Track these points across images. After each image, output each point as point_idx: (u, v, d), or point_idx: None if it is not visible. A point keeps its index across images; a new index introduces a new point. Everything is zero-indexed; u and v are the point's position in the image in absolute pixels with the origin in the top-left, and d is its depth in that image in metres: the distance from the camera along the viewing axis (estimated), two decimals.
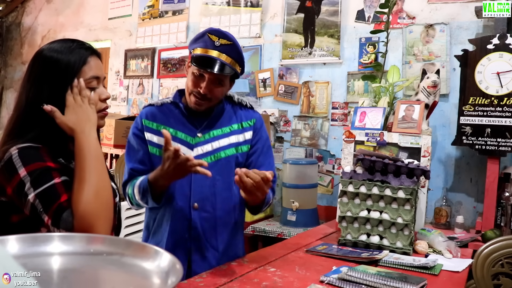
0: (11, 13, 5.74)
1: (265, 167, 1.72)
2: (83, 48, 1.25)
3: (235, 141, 1.76)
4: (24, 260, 0.71)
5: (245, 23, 3.81)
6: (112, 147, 3.78)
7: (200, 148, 1.71)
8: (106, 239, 0.83)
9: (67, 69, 1.21)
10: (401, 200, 1.91)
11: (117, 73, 4.69)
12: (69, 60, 1.21)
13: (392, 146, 2.37)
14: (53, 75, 1.20)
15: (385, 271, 1.60)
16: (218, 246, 1.72)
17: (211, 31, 1.67)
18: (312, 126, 3.49)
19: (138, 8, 4.51)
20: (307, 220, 3.02)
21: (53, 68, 1.20)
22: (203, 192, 1.69)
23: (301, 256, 1.83)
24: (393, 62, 3.02)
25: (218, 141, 1.73)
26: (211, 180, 1.67)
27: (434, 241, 2.02)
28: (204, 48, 1.65)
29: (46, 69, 1.21)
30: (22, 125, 1.21)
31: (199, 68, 1.64)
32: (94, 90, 1.25)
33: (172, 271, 0.71)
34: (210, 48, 1.64)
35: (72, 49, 1.23)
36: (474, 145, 2.54)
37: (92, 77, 1.24)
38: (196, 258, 1.69)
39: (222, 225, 1.73)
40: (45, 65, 1.21)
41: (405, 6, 3.13)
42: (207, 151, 1.71)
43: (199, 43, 1.67)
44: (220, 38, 1.65)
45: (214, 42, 1.64)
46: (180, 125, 1.73)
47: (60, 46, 1.24)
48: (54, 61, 1.20)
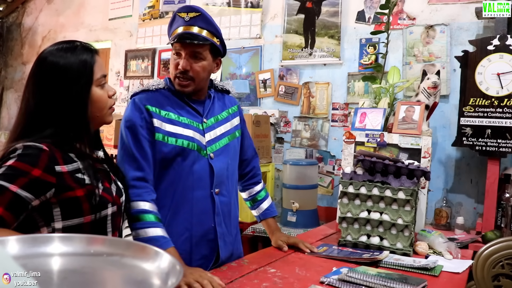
0: (12, 13, 5.74)
1: (251, 150, 1.95)
2: (88, 49, 1.29)
3: (233, 126, 1.82)
4: (24, 261, 0.71)
5: (245, 24, 3.81)
6: (113, 148, 3.77)
7: (209, 134, 1.71)
8: (106, 240, 0.83)
9: (80, 72, 1.24)
10: (401, 201, 1.91)
11: (118, 73, 4.69)
12: (80, 62, 1.24)
13: (393, 147, 2.37)
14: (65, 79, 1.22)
15: (386, 272, 1.60)
16: (232, 230, 1.76)
17: (179, 10, 1.66)
18: (312, 127, 3.49)
19: (138, 8, 4.52)
20: (307, 221, 3.02)
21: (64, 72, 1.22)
22: (221, 176, 1.71)
23: (301, 257, 1.82)
24: (394, 63, 3.02)
25: (222, 126, 1.77)
26: (226, 164, 1.73)
27: (434, 242, 2.02)
28: (177, 28, 1.65)
29: (57, 75, 1.22)
30: (33, 126, 1.22)
31: (174, 45, 1.64)
32: (103, 87, 1.30)
33: (172, 272, 0.71)
34: (181, 25, 1.64)
35: (78, 52, 1.26)
36: (475, 146, 2.54)
37: (102, 76, 1.29)
38: (221, 245, 1.71)
39: (233, 208, 1.78)
40: (55, 71, 1.22)
41: (405, 7, 3.13)
42: (216, 136, 1.73)
43: (173, 27, 1.67)
44: (188, 13, 1.64)
45: (183, 19, 1.64)
46: (184, 112, 1.69)
47: (65, 51, 1.25)
48: (64, 67, 1.22)
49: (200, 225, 1.66)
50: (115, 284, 0.75)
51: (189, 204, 1.64)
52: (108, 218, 1.27)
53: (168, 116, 1.64)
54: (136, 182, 1.55)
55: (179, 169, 1.63)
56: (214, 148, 1.71)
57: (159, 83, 1.71)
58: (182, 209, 1.64)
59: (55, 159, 1.17)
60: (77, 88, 1.23)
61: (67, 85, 1.22)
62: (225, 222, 1.72)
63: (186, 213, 1.64)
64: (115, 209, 1.30)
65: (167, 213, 1.63)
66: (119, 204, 1.33)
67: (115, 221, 1.31)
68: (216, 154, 1.70)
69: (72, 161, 1.21)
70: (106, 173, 1.34)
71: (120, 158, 1.62)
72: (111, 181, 1.33)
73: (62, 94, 1.22)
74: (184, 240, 1.64)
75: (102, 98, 1.29)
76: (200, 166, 1.65)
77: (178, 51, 1.64)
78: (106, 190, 1.27)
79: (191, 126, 1.67)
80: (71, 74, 1.22)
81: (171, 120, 1.64)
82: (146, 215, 1.51)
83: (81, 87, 1.24)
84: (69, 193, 1.17)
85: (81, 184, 1.20)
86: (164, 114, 1.64)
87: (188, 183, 1.63)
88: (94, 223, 1.22)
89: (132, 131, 1.60)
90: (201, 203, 1.65)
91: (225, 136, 1.76)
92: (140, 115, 1.61)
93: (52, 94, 1.22)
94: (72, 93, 1.22)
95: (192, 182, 1.64)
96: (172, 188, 1.63)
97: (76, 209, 1.19)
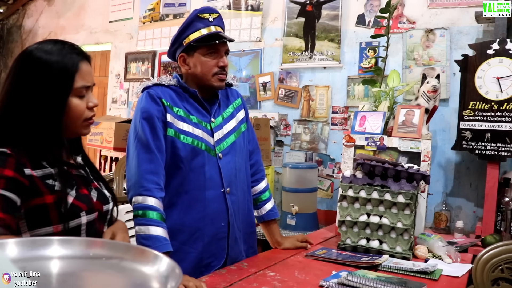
0: (12, 15, 5.75)
1: (253, 143, 1.94)
2: (75, 52, 1.20)
3: (238, 121, 1.83)
4: (23, 264, 0.71)
5: (245, 27, 3.82)
6: (112, 150, 3.77)
7: (218, 133, 1.73)
8: (105, 243, 0.83)
9: (60, 75, 1.16)
10: (400, 205, 1.91)
11: (118, 76, 4.70)
12: (62, 64, 1.16)
13: (392, 151, 2.37)
14: (43, 78, 1.15)
15: (385, 276, 1.60)
16: (240, 226, 1.77)
17: (201, 11, 1.68)
18: (312, 130, 3.49)
19: (139, 11, 4.52)
20: (306, 224, 3.02)
21: (44, 70, 1.15)
22: (230, 176, 1.72)
23: (301, 261, 1.82)
24: (393, 66, 3.02)
25: (228, 124, 1.78)
26: (233, 163, 1.73)
27: (433, 246, 2.02)
28: (203, 28, 1.67)
29: (36, 71, 1.15)
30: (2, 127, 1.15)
31: (210, 46, 1.66)
32: (83, 99, 1.21)
33: (171, 276, 0.71)
34: (208, 26, 1.67)
35: (64, 52, 1.18)
36: (474, 150, 2.54)
37: (82, 86, 1.20)
38: (232, 244, 1.72)
39: (243, 205, 1.79)
40: (35, 66, 1.16)
41: (405, 11, 3.14)
42: (223, 135, 1.74)
43: (192, 28, 1.67)
44: (211, 14, 1.68)
45: (207, 20, 1.67)
46: (193, 110, 1.71)
47: (51, 48, 1.18)
48: (45, 63, 1.16)
49: (212, 224, 1.67)
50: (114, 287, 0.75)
51: (201, 203, 1.65)
52: (82, 228, 1.19)
53: (179, 113, 1.66)
54: (148, 175, 1.55)
55: (190, 168, 1.64)
56: (222, 147, 1.72)
57: (170, 80, 1.72)
58: (195, 209, 1.65)
59: (23, 163, 1.11)
60: (53, 91, 1.15)
61: (44, 84, 1.15)
62: (236, 221, 1.74)
63: (199, 213, 1.65)
64: (94, 216, 1.22)
65: (179, 212, 1.64)
66: (101, 211, 1.25)
67: (92, 230, 1.22)
68: (224, 153, 1.72)
69: (42, 166, 1.15)
70: (84, 178, 1.27)
71: (133, 150, 1.60)
72: (90, 188, 1.26)
73: (37, 92, 1.15)
74: (196, 239, 1.65)
75: (78, 109, 1.20)
76: (210, 166, 1.67)
77: (214, 50, 1.68)
78: (80, 197, 1.20)
79: (200, 125, 1.69)
80: (51, 73, 1.15)
81: (182, 118, 1.66)
82: (151, 212, 1.52)
83: (57, 91, 1.16)
84: (38, 200, 1.11)
85: (51, 190, 1.13)
86: (176, 110, 1.65)
87: (199, 182, 1.64)
88: (64, 233, 1.14)
89: (149, 121, 1.60)
90: (213, 202, 1.67)
91: (232, 134, 1.77)
92: (158, 107, 1.62)
93: (28, 90, 1.15)
94: (48, 94, 1.15)
95: (204, 182, 1.65)
96: (184, 187, 1.64)
97: (44, 217, 1.12)
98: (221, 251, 1.70)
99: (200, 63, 1.68)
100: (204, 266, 1.66)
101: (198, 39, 1.65)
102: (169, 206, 1.62)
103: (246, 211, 1.83)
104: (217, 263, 1.69)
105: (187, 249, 1.64)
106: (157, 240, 1.47)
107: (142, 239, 1.49)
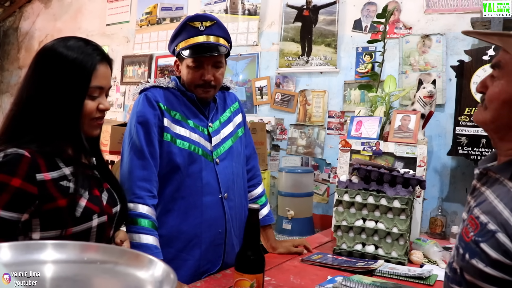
0: (9, 17, 5.74)
1: (250, 147, 1.92)
2: (96, 52, 1.20)
3: (235, 126, 1.80)
4: (17, 268, 0.70)
5: (242, 31, 3.83)
6: (108, 153, 3.76)
7: (215, 138, 1.70)
8: (100, 247, 0.82)
9: (76, 72, 1.16)
10: (396, 210, 1.91)
11: (114, 79, 4.68)
12: (80, 61, 1.16)
13: (388, 156, 2.37)
14: (60, 72, 1.15)
15: (380, 281, 1.60)
16: (237, 233, 1.74)
17: (191, 19, 1.62)
18: (308, 134, 3.49)
19: (136, 14, 4.52)
20: (302, 228, 3.02)
21: (62, 65, 1.16)
22: (228, 181, 1.69)
23: (296, 265, 1.82)
24: (390, 71, 3.03)
25: (225, 129, 1.75)
26: (231, 168, 1.71)
27: (429, 251, 2.02)
28: (190, 38, 1.60)
29: (55, 64, 1.16)
30: (19, 125, 1.16)
31: (195, 58, 1.59)
32: (94, 99, 1.21)
33: (166, 281, 0.70)
34: (196, 35, 1.60)
35: (85, 50, 1.18)
36: (470, 155, 2.55)
37: (96, 87, 1.20)
38: (228, 250, 1.69)
39: (240, 210, 1.76)
40: (54, 59, 1.16)
41: (401, 17, 3.15)
42: (221, 140, 1.72)
43: (182, 36, 1.62)
44: (203, 22, 1.60)
45: (198, 28, 1.60)
46: (191, 115, 1.67)
47: (73, 44, 1.19)
48: (65, 58, 1.16)
49: (209, 231, 1.64)
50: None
51: (198, 209, 1.63)
52: (93, 230, 1.19)
53: (176, 117, 1.62)
54: (140, 182, 1.53)
55: (187, 173, 1.61)
56: (219, 152, 1.70)
57: (169, 82, 1.68)
58: (192, 215, 1.62)
59: (37, 167, 1.11)
60: (68, 87, 1.16)
61: (61, 79, 1.15)
62: (233, 227, 1.72)
63: (196, 219, 1.62)
64: (104, 219, 1.22)
65: (175, 218, 1.61)
66: (110, 214, 1.25)
67: (102, 232, 1.22)
68: (221, 158, 1.69)
69: (57, 167, 1.15)
70: (97, 180, 1.27)
71: (127, 155, 1.58)
72: (102, 189, 1.26)
73: (54, 85, 1.15)
74: (193, 246, 1.62)
75: (86, 107, 1.19)
76: (207, 172, 1.64)
77: (199, 63, 1.61)
78: (93, 199, 1.19)
79: (197, 130, 1.66)
80: (68, 69, 1.15)
81: (179, 122, 1.63)
82: (143, 220, 1.50)
83: (73, 87, 1.16)
84: (49, 205, 1.11)
85: (64, 194, 1.13)
86: (173, 114, 1.62)
87: (196, 188, 1.61)
88: (75, 236, 1.14)
89: (144, 126, 1.57)
90: (211, 209, 1.64)
91: (229, 138, 1.75)
92: (154, 111, 1.59)
93: (46, 83, 1.15)
94: (63, 89, 1.15)
95: (201, 187, 1.62)
96: (180, 193, 1.61)
97: (57, 220, 1.13)
98: (217, 258, 1.68)
99: (186, 73, 1.65)
100: (201, 273, 1.64)
101: (184, 48, 1.61)
102: (165, 212, 1.60)
103: (243, 217, 1.81)
104: (213, 269, 1.67)
105: (185, 256, 1.61)
106: (147, 249, 1.45)
107: (133, 247, 1.47)
